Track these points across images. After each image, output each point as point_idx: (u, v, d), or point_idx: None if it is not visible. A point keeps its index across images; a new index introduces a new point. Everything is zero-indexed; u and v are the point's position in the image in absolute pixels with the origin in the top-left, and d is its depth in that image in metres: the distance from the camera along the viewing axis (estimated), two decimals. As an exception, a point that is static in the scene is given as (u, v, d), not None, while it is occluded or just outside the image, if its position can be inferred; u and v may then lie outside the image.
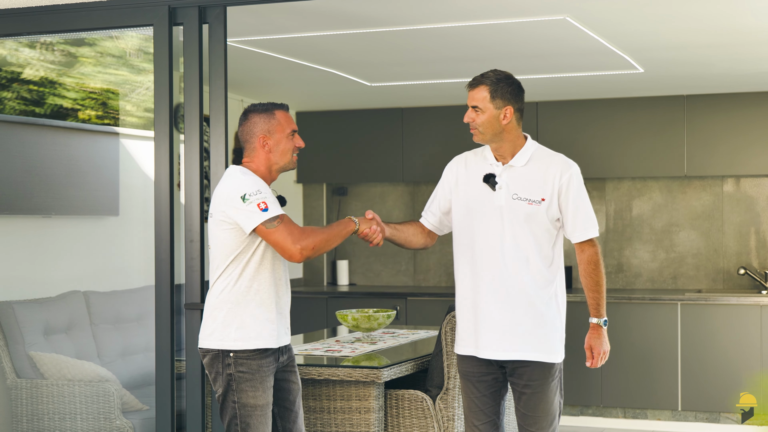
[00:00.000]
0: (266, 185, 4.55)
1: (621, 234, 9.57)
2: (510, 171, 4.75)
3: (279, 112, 4.65)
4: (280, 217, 4.42)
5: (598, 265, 4.76)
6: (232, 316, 4.52)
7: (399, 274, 10.26)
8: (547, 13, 5.97)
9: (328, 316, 9.39)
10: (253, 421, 4.51)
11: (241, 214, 4.43)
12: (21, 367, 6.17)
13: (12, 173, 6.72)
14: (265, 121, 4.62)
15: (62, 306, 6.57)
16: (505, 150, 4.76)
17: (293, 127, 4.68)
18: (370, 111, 9.92)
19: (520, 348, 4.69)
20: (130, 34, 6.76)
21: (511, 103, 4.71)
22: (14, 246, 6.79)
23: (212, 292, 4.59)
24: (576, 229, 4.73)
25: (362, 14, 6.04)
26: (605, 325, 4.82)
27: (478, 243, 4.75)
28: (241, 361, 4.50)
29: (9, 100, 7.16)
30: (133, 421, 6.06)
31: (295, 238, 4.40)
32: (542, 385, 4.72)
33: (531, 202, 4.68)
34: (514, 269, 4.68)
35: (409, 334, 6.73)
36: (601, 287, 4.78)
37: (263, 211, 4.40)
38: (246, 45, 6.83)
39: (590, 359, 4.81)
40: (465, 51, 7.09)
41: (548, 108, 9.39)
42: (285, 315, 4.66)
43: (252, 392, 4.51)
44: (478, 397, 4.83)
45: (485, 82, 4.71)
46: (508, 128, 4.72)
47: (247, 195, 4.43)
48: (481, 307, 4.73)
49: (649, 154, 9.18)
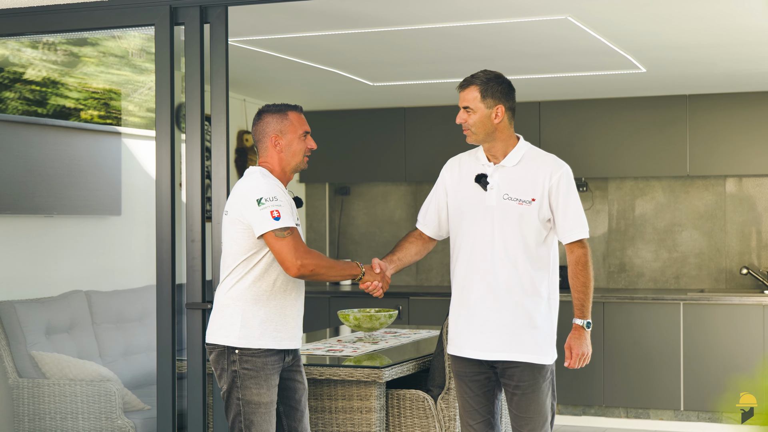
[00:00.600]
0: (283, 191, 4.59)
1: (623, 234, 9.57)
2: (501, 171, 4.76)
3: (292, 113, 4.68)
4: (290, 229, 4.47)
5: (586, 266, 4.76)
6: (239, 314, 4.56)
7: (401, 274, 10.26)
8: (548, 13, 5.98)
9: (330, 316, 9.39)
10: (256, 418, 4.53)
11: (254, 217, 4.48)
12: (23, 367, 6.18)
13: (14, 173, 6.72)
14: (278, 122, 4.65)
15: (64, 306, 6.57)
16: (498, 150, 4.78)
17: (306, 129, 4.70)
18: (372, 111, 9.93)
19: (507, 348, 4.70)
20: (132, 34, 6.77)
21: (501, 102, 4.73)
22: (16, 245, 6.80)
23: (221, 288, 4.63)
24: (566, 230, 4.74)
25: (363, 14, 6.04)
26: (588, 327, 4.81)
27: (470, 243, 4.76)
28: (246, 358, 4.53)
29: (12, 100, 7.16)
30: (135, 421, 6.07)
31: (299, 253, 4.45)
32: (533, 387, 4.72)
33: (521, 202, 4.69)
34: (502, 269, 4.69)
35: (411, 334, 6.73)
36: (588, 289, 4.77)
37: (275, 219, 4.45)
38: (249, 45, 6.84)
39: (568, 359, 4.80)
40: (467, 51, 7.09)
41: (551, 108, 9.38)
42: (292, 320, 4.65)
43: (256, 389, 4.53)
44: (472, 396, 4.84)
45: (475, 82, 4.73)
46: (500, 127, 4.74)
47: (263, 199, 4.48)
48: (471, 308, 4.75)
49: (651, 153, 9.17)
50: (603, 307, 8.76)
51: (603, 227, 9.59)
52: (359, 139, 9.98)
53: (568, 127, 9.34)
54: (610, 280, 9.58)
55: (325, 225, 10.43)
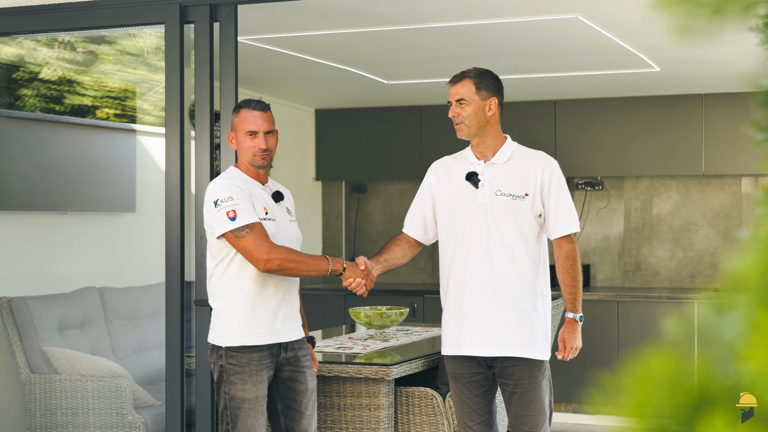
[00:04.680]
0: (240, 190, 4.56)
1: (639, 232, 9.55)
2: (492, 168, 4.78)
3: (244, 110, 4.69)
4: (250, 226, 4.48)
5: (575, 261, 4.79)
6: (221, 313, 4.63)
7: (417, 272, 10.28)
8: (558, 12, 5.98)
9: (345, 313, 9.41)
10: (241, 413, 4.58)
11: (212, 219, 4.53)
12: (35, 363, 6.22)
13: (29, 170, 6.77)
14: (234, 118, 4.72)
15: (77, 302, 6.61)
16: (487, 146, 4.80)
17: (250, 128, 4.65)
18: (388, 109, 9.95)
19: (505, 345, 4.71)
20: (148, 32, 6.80)
21: (494, 95, 4.77)
22: (30, 242, 6.84)
23: (208, 289, 4.72)
24: (557, 224, 4.76)
25: (376, 12, 6.06)
26: (581, 320, 4.85)
27: (464, 242, 4.77)
28: (231, 353, 4.58)
29: (29, 98, 7.21)
30: (145, 417, 6.10)
31: (263, 249, 4.45)
32: (532, 384, 4.74)
33: (515, 197, 4.71)
34: (500, 265, 4.70)
35: (422, 332, 6.74)
36: (578, 283, 4.81)
37: (231, 219, 4.47)
38: (263, 43, 6.86)
39: (561, 352, 4.84)
40: (480, 49, 7.10)
41: (566, 106, 9.38)
42: (271, 314, 4.64)
43: (241, 385, 4.57)
44: (470, 397, 4.84)
45: (469, 75, 4.78)
46: (492, 121, 4.77)
47: (219, 201, 4.51)
48: (467, 305, 4.75)
49: (667, 152, 9.16)
50: (617, 305, 8.76)
51: (618, 226, 9.59)
52: (376, 138, 10.00)
53: (583, 126, 9.34)
54: (625, 279, 9.58)
55: (341, 223, 10.45)
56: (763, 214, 1.01)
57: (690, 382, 0.99)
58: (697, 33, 0.96)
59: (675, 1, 0.91)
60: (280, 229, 4.65)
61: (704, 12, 0.91)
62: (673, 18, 0.94)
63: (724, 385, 0.96)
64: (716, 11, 0.92)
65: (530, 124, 9.33)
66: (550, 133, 9.30)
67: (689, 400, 0.94)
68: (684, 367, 0.98)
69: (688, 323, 1.08)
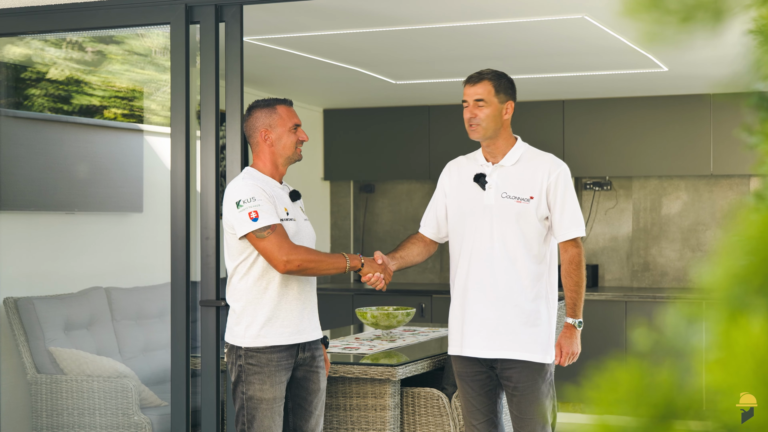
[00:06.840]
0: (267, 189, 4.59)
1: (647, 232, 9.53)
2: (500, 170, 4.77)
3: (281, 106, 4.71)
4: (272, 227, 4.49)
5: (579, 266, 4.76)
6: (243, 314, 4.62)
7: (425, 272, 10.27)
8: (564, 12, 5.97)
9: (353, 314, 9.41)
10: (258, 414, 4.57)
11: (235, 219, 4.53)
12: (41, 363, 6.23)
13: (36, 170, 6.77)
14: (267, 116, 4.68)
15: (83, 302, 6.62)
16: (498, 148, 4.79)
17: (295, 121, 4.72)
18: (396, 108, 9.94)
19: (505, 347, 4.71)
20: (156, 32, 6.80)
21: (511, 98, 4.78)
22: (37, 242, 6.85)
23: (227, 290, 4.70)
24: (562, 228, 4.74)
25: (382, 12, 6.06)
26: (580, 326, 4.83)
27: (469, 243, 4.77)
28: (251, 353, 4.58)
29: (37, 98, 7.22)
30: (151, 417, 6.10)
31: (283, 250, 4.47)
32: (532, 387, 4.73)
33: (519, 200, 4.70)
34: (502, 268, 4.69)
35: (429, 332, 6.73)
36: (580, 288, 4.78)
37: (253, 220, 4.48)
38: (272, 44, 6.86)
39: (558, 357, 4.82)
40: (487, 49, 7.09)
41: (574, 106, 9.36)
42: (296, 314, 4.66)
43: (259, 385, 4.56)
44: (474, 396, 4.85)
45: (488, 77, 4.76)
46: (506, 124, 4.77)
47: (242, 201, 4.52)
48: (469, 306, 4.76)
49: (675, 152, 9.14)
50: (625, 306, 8.74)
51: (627, 226, 9.57)
52: (384, 137, 9.99)
53: (592, 126, 9.32)
54: (633, 279, 9.56)
55: (349, 223, 10.45)
56: (742, 221, 0.99)
57: (656, 394, 0.98)
58: (667, 41, 0.96)
59: (644, 8, 0.90)
60: (300, 229, 4.68)
61: (673, 20, 0.91)
62: (643, 25, 0.93)
63: (690, 398, 0.96)
64: (685, 18, 0.91)
65: (538, 124, 9.32)
66: (558, 133, 9.29)
67: (654, 413, 0.93)
68: (650, 379, 0.97)
69: (656, 334, 1.07)
